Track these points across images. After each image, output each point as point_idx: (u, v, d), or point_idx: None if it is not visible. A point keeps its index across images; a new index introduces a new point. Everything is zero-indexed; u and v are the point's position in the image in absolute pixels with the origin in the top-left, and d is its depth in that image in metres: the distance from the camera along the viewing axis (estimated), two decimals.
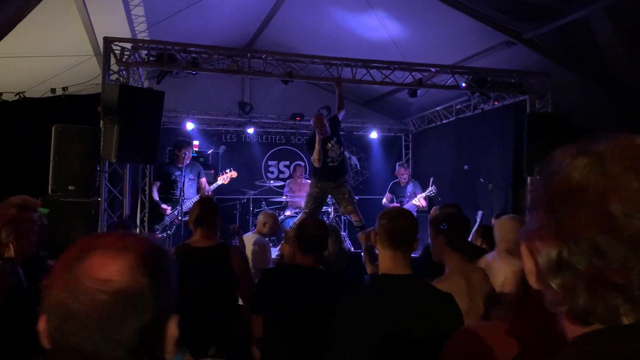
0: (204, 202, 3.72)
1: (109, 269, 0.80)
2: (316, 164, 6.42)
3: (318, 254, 2.86)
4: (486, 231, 4.41)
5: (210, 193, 7.48)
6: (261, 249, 4.86)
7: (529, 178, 6.87)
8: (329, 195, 7.03)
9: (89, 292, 0.78)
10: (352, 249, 6.84)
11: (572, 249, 0.65)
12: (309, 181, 7.32)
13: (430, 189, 8.11)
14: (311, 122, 6.42)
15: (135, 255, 0.82)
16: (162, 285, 0.84)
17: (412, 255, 2.14)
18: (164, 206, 7.30)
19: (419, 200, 8.19)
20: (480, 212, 7.12)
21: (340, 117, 6.74)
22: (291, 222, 7.01)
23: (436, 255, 2.76)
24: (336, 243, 3.93)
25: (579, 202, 0.65)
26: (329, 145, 6.40)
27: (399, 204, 8.16)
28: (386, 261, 2.07)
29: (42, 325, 0.84)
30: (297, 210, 7.86)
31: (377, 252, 2.17)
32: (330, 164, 6.45)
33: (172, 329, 0.84)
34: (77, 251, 0.83)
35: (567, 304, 0.67)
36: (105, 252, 0.82)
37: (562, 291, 0.67)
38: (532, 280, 0.73)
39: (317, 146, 6.26)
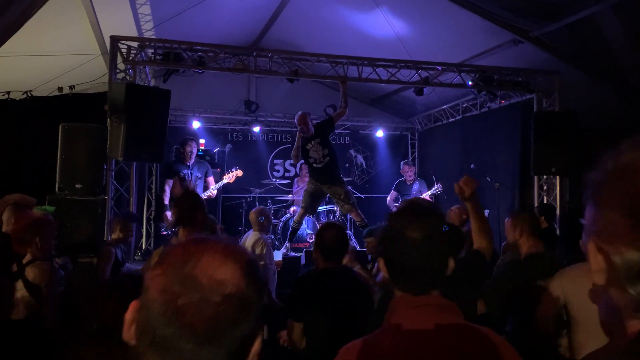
0: (184, 198, 3.30)
1: (223, 271, 0.79)
2: (293, 160, 6.57)
3: (339, 258, 2.95)
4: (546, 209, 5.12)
5: (215, 192, 7.48)
6: (267, 247, 4.92)
7: (573, 178, 6.78)
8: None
9: (203, 290, 0.76)
10: (358, 248, 6.83)
11: None
12: None
13: (436, 187, 8.08)
14: (295, 119, 6.47)
15: (241, 264, 0.82)
16: (261, 296, 0.84)
17: None
18: (168, 213, 7.26)
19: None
20: (487, 211, 7.08)
21: (337, 119, 6.71)
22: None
23: None
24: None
25: None
26: (309, 145, 6.38)
27: None
28: None
29: (130, 315, 0.81)
30: None
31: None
32: (315, 165, 6.43)
33: (258, 344, 0.83)
34: (185, 252, 0.81)
35: None
36: (215, 256, 0.81)
37: None
38: (601, 279, 0.70)
39: (296, 143, 6.38)
